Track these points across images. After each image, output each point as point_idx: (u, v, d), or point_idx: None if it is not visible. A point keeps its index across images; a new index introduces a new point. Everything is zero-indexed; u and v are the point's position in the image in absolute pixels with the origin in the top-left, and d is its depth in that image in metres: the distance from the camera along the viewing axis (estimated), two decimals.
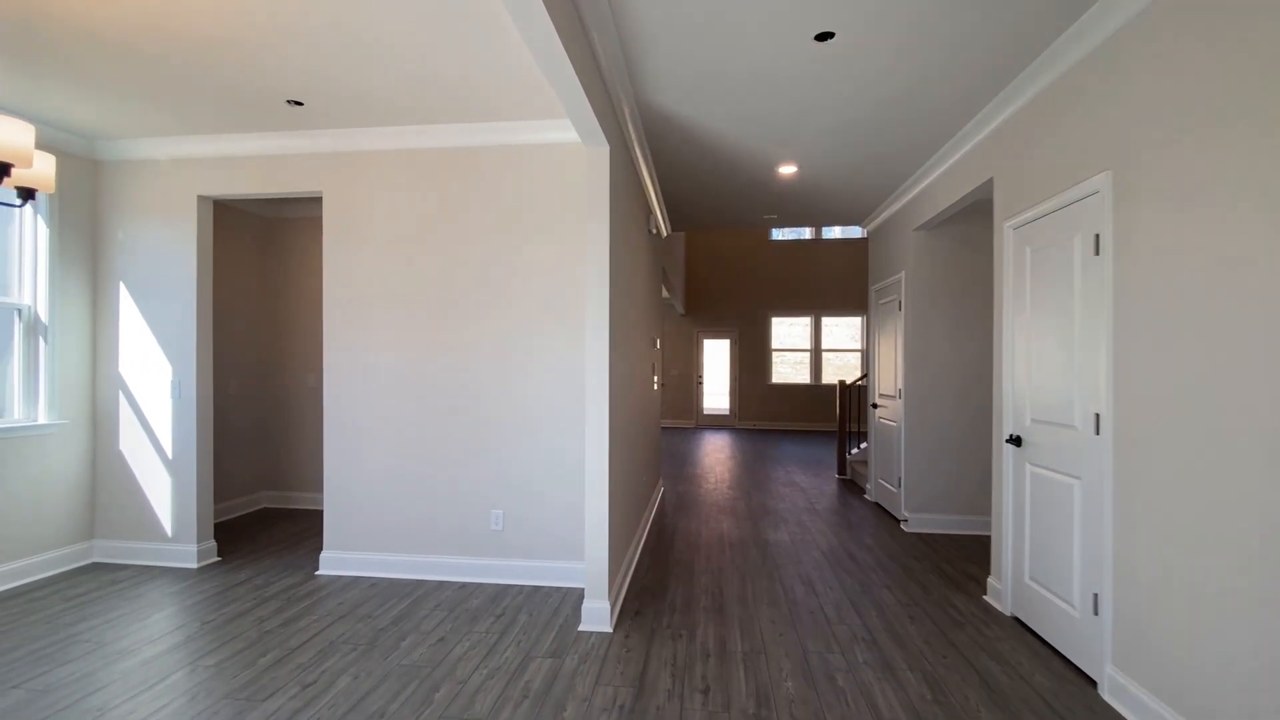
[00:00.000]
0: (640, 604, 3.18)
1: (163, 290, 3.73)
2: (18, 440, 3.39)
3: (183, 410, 3.72)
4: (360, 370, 3.61)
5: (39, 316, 3.53)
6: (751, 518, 4.97)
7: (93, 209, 3.78)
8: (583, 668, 2.51)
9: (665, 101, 3.15)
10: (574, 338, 3.42)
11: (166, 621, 2.92)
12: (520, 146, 3.45)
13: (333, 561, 3.60)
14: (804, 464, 7.65)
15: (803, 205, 5.17)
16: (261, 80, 2.90)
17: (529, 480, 3.46)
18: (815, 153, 3.88)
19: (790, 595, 3.32)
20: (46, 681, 2.37)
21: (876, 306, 5.51)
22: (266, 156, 3.66)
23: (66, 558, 3.64)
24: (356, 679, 2.41)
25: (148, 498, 3.76)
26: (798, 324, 12.03)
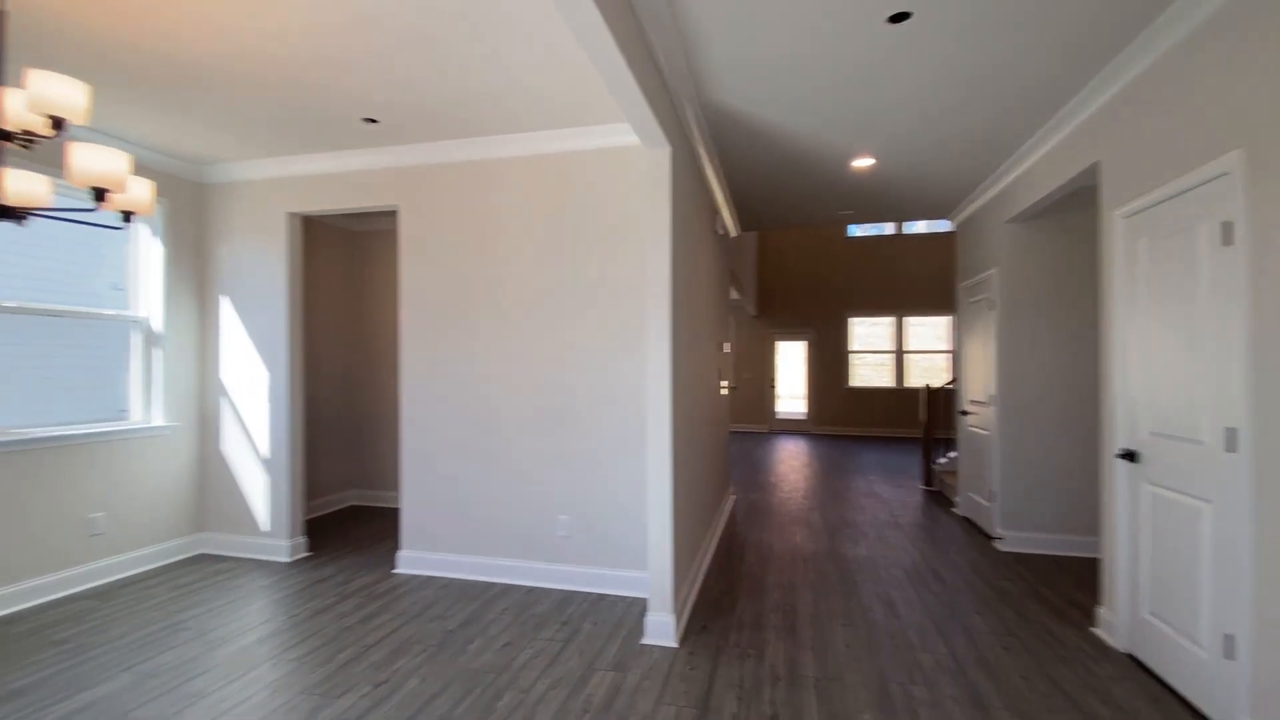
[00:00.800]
0: (707, 619, 3.07)
1: (259, 302, 4.01)
2: (138, 440, 3.74)
3: (277, 413, 3.98)
4: (433, 378, 3.72)
5: (155, 328, 3.87)
6: (828, 530, 4.74)
7: (199, 228, 4.12)
8: (645, 684, 2.44)
9: (730, 100, 3.05)
10: (638, 342, 3.37)
11: (258, 614, 3.11)
12: (586, 152, 3.44)
13: (409, 561, 3.73)
14: (885, 473, 7.25)
15: (881, 199, 4.89)
16: (339, 101, 3.04)
17: (594, 487, 3.43)
18: (893, 143, 3.63)
19: (869, 616, 3.11)
20: (154, 665, 2.57)
21: (965, 306, 5.12)
22: (346, 174, 3.85)
23: (178, 548, 3.97)
24: (424, 681, 2.45)
25: (246, 495, 4.04)
26: (879, 325, 11.47)
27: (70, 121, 1.85)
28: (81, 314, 3.51)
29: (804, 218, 5.53)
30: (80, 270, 3.52)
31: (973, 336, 4.88)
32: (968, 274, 5.05)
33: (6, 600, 3.10)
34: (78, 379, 3.51)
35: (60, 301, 3.41)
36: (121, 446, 3.65)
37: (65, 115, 1.81)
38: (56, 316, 3.40)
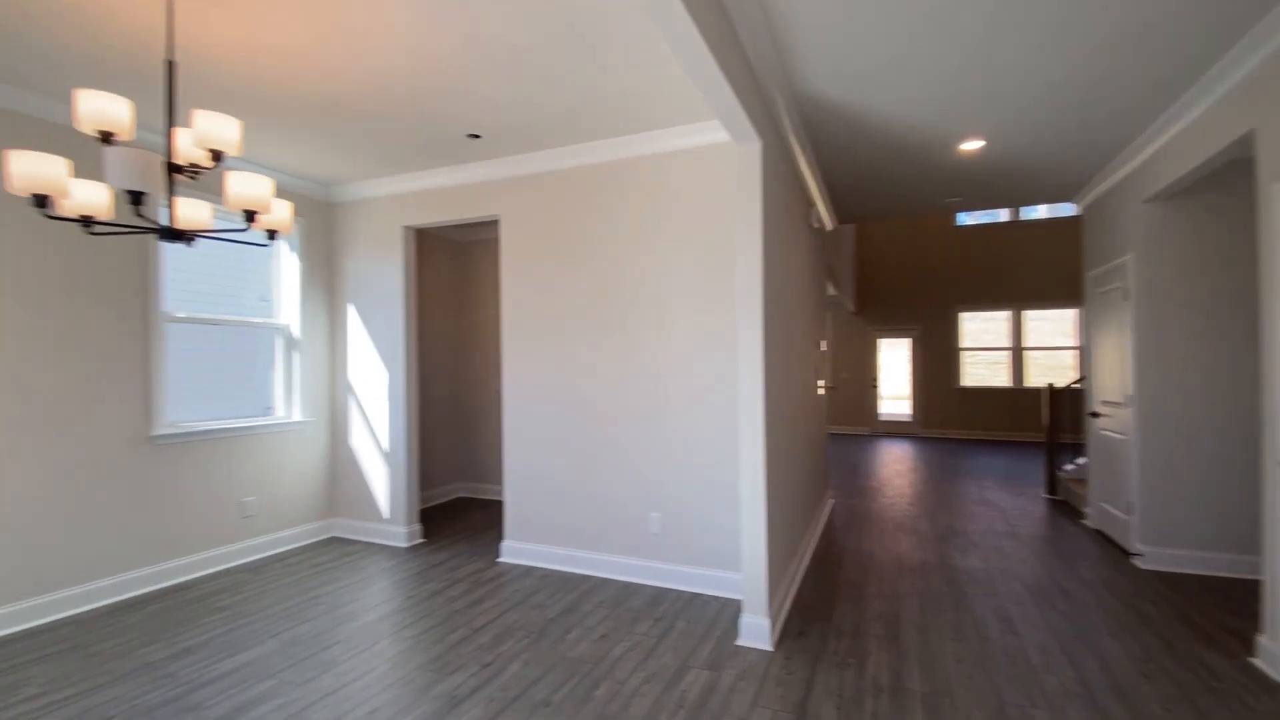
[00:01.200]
0: (804, 624, 3.00)
1: (379, 308, 4.38)
2: (281, 434, 4.21)
3: (395, 410, 4.33)
4: (531, 377, 3.89)
5: (294, 334, 4.34)
6: (936, 539, 4.46)
7: (329, 243, 4.57)
8: (740, 685, 2.43)
9: (823, 88, 2.95)
10: (730, 341, 3.34)
11: (380, 593, 3.40)
12: (676, 152, 3.47)
13: (511, 551, 3.93)
14: (1002, 479, 6.70)
15: (992, 184, 4.53)
16: (446, 120, 3.26)
17: (686, 485, 3.45)
18: (1007, 122, 3.36)
19: (982, 631, 2.90)
20: (295, 634, 2.88)
21: (1094, 297, 4.63)
22: (452, 187, 4.12)
23: (313, 531, 4.42)
24: (526, 665, 2.58)
25: (370, 485, 4.43)
26: (993, 319, 10.61)
27: (226, 153, 2.12)
28: (236, 322, 4.00)
29: (906, 207, 5.24)
30: (234, 285, 4.02)
31: (1104, 330, 4.40)
32: (1097, 262, 4.57)
33: (180, 570, 3.59)
34: (233, 380, 4.00)
35: (219, 312, 3.91)
36: (268, 439, 4.12)
37: (223, 148, 2.08)
38: (216, 325, 3.90)
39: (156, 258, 3.51)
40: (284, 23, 2.34)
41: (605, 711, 2.24)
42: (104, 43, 2.48)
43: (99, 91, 1.82)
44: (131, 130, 1.99)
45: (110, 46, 2.50)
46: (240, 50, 2.53)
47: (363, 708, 2.27)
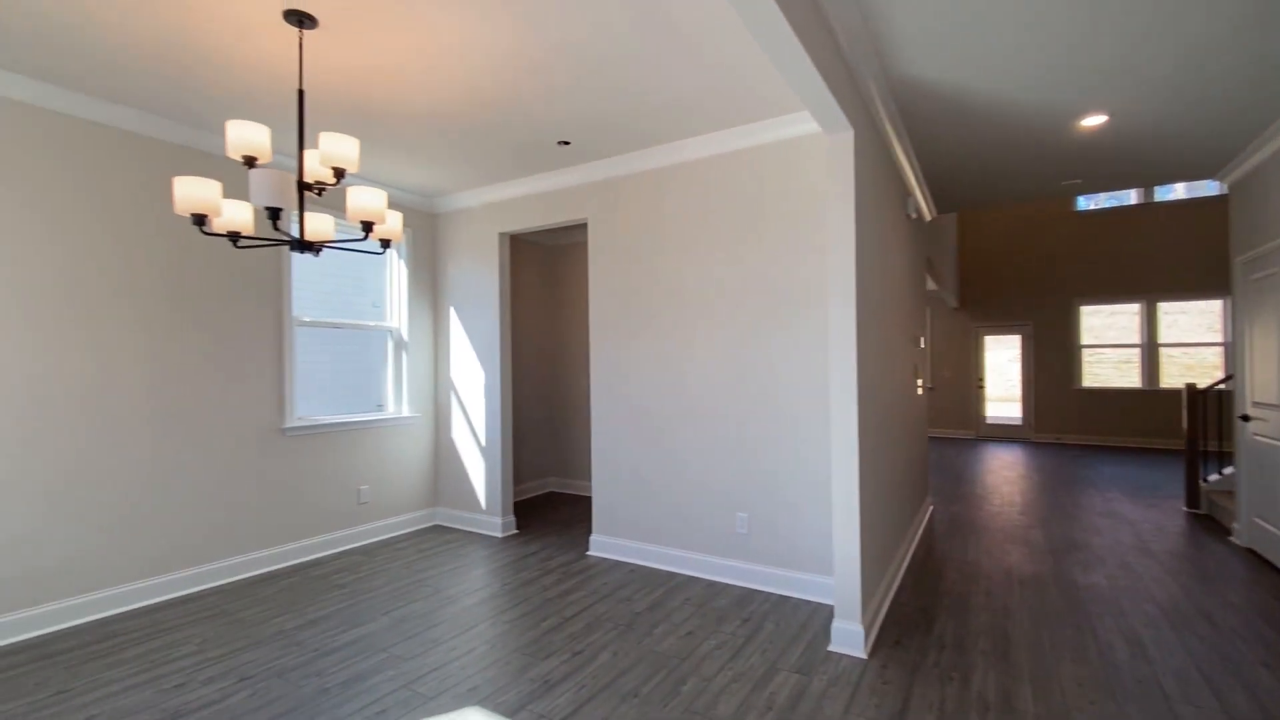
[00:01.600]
0: (900, 633, 2.86)
1: (477, 311, 4.64)
2: (392, 428, 4.55)
3: (491, 407, 4.56)
4: (619, 377, 3.97)
5: (402, 335, 4.68)
6: (1051, 552, 4.11)
7: (432, 250, 4.89)
8: (832, 690, 2.36)
9: (921, 70, 2.81)
10: (819, 339, 3.25)
11: (479, 579, 3.59)
12: (763, 146, 3.42)
13: (600, 545, 4.03)
14: (1132, 490, 6.06)
15: (1118, 163, 4.11)
16: (538, 129, 3.40)
17: (774, 486, 3.39)
18: (1137, 93, 3.04)
19: (1107, 654, 2.64)
20: (402, 614, 3.11)
21: (1246, 284, 4.09)
22: (544, 193, 4.28)
23: (419, 519, 4.75)
24: (615, 656, 2.64)
25: (469, 477, 4.69)
26: (1120, 313, 9.59)
27: (348, 171, 2.33)
28: (353, 325, 4.37)
29: (1016, 193, 4.86)
30: (350, 291, 4.39)
31: (1258, 322, 3.87)
32: (1248, 244, 4.03)
33: (306, 550, 3.98)
34: (349, 378, 4.38)
35: (339, 316, 4.29)
36: (380, 433, 4.47)
37: (345, 166, 2.29)
38: (336, 328, 4.28)
39: (288, 268, 3.90)
40: (390, 47, 2.53)
41: (693, 706, 2.25)
42: (240, 78, 2.79)
43: (245, 121, 2.05)
44: (269, 154, 2.23)
45: (245, 82, 2.82)
46: (352, 75, 2.77)
47: (465, 684, 2.42)
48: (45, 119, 2.92)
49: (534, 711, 2.22)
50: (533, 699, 2.31)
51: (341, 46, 2.53)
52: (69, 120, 2.99)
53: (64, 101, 2.94)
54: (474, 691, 2.36)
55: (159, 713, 2.24)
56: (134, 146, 3.21)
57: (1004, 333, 10.36)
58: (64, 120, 2.98)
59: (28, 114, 2.87)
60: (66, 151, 2.99)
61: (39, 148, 2.91)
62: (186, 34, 2.42)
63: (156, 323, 3.30)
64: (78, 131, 3.02)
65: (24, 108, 2.86)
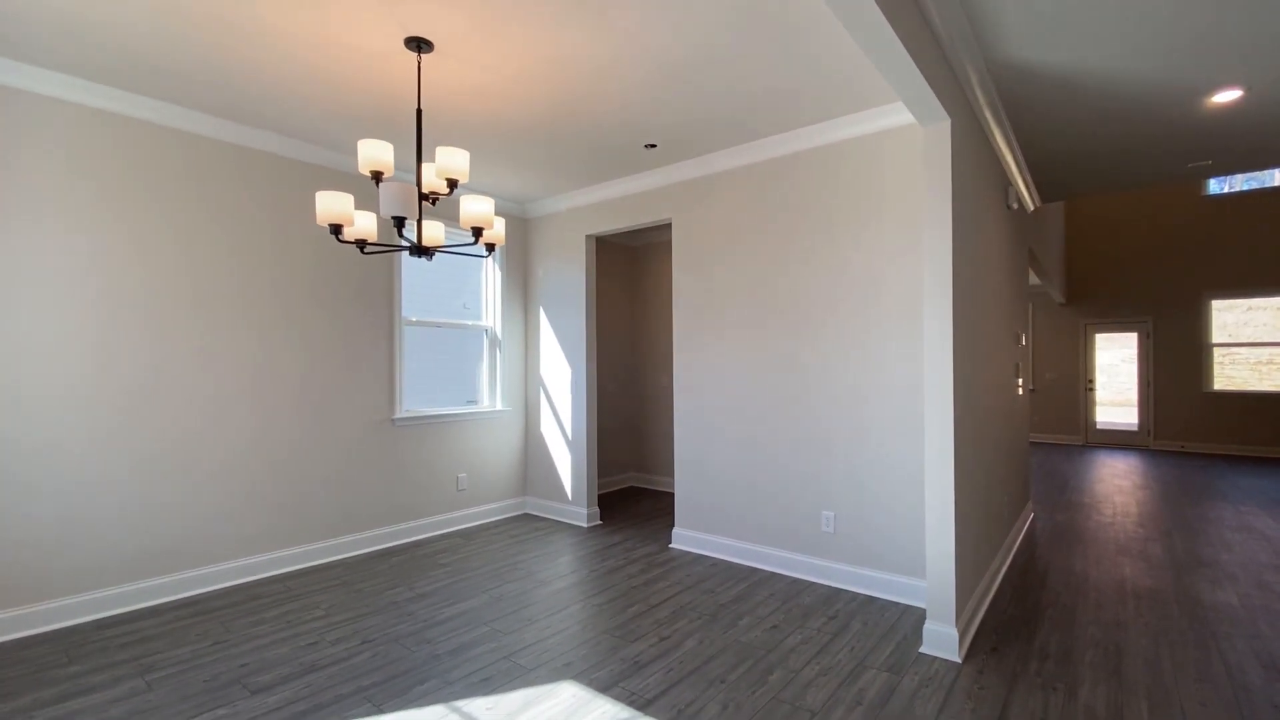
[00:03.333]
0: (998, 640, 2.76)
1: (564, 310, 4.85)
2: (488, 420, 4.84)
3: (578, 402, 4.76)
4: (703, 373, 4.04)
5: (497, 334, 4.97)
6: (1173, 566, 3.79)
7: (523, 253, 5.15)
8: (924, 691, 2.32)
9: (1023, 53, 2.69)
10: (912, 335, 3.18)
11: (567, 565, 3.77)
12: (851, 140, 3.38)
13: (682, 538, 4.11)
14: (1271, 504, 5.44)
15: (1256, 142, 3.73)
16: (628, 135, 3.52)
17: (862, 485, 3.34)
18: (1277, 63, 2.77)
19: (1238, 677, 2.43)
20: (499, 593, 3.32)
21: None
22: (630, 196, 4.41)
23: (510, 507, 5.02)
24: (701, 643, 2.71)
25: (556, 468, 4.91)
26: (1259, 307, 8.59)
27: (460, 181, 2.53)
28: (452, 324, 4.69)
29: (1131, 178, 4.50)
30: (449, 293, 4.71)
31: None
32: None
33: (412, 531, 4.31)
34: (449, 373, 4.70)
35: (440, 316, 4.62)
36: (476, 425, 4.77)
37: (458, 177, 2.49)
38: (438, 327, 4.60)
39: (399, 273, 4.25)
40: (494, 65, 2.73)
41: (780, 696, 2.29)
42: (362, 101, 3.09)
43: (373, 140, 2.29)
44: (393, 169, 2.47)
45: (366, 104, 3.11)
46: (459, 92, 3.00)
47: (560, 659, 2.57)
48: (216, 149, 3.36)
49: (625, 689, 2.34)
50: (624, 677, 2.42)
51: (452, 67, 2.75)
52: (235, 149, 3.42)
53: (235, 134, 3.36)
54: (569, 667, 2.51)
55: (298, 665, 2.54)
56: (278, 167, 3.62)
57: (1118, 330, 9.53)
58: (228, 149, 3.41)
59: (212, 147, 3.32)
60: (227, 174, 3.42)
61: (212, 172, 3.35)
62: (318, 67, 2.72)
63: (302, 323, 3.70)
64: (231, 156, 3.44)
65: (208, 141, 3.30)
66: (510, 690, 2.34)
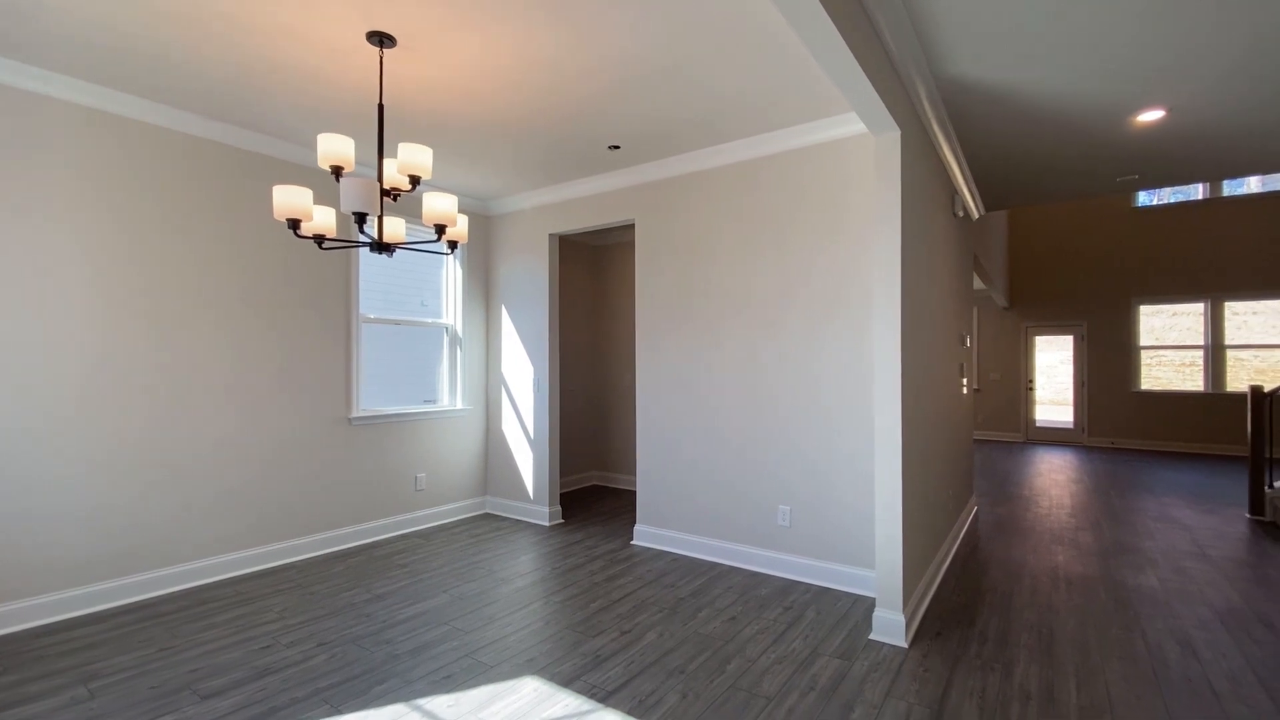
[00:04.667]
0: (942, 626, 2.91)
1: (526, 309, 4.84)
2: (447, 419, 4.79)
3: (540, 401, 4.76)
4: (665, 372, 4.10)
5: (457, 332, 4.92)
6: (1101, 554, 4.05)
7: (485, 251, 5.11)
8: (873, 675, 2.44)
9: (969, 69, 2.84)
10: (863, 336, 3.31)
11: (529, 564, 3.78)
12: (805, 149, 3.50)
13: (643, 535, 4.17)
14: (1191, 496, 5.85)
15: (1179, 158, 4.02)
16: (591, 135, 3.56)
17: (817, 480, 3.46)
18: (1195, 85, 3.00)
19: (1157, 654, 2.63)
20: (460, 592, 3.31)
21: None
22: (593, 196, 4.44)
23: (471, 506, 4.98)
24: (661, 636, 2.77)
25: (518, 467, 4.90)
26: (1183, 313, 9.20)
27: (423, 177, 2.52)
28: (412, 322, 4.63)
29: (1067, 190, 4.78)
30: (409, 290, 4.65)
31: None
32: None
33: (370, 532, 4.24)
34: (408, 372, 4.63)
35: (399, 314, 4.55)
36: (436, 424, 4.71)
37: (421, 174, 2.48)
38: (397, 325, 4.54)
39: (357, 268, 4.17)
40: (457, 62, 2.72)
41: (738, 684, 2.36)
42: (323, 94, 3.03)
43: (333, 134, 2.27)
44: (353, 164, 2.44)
45: (327, 97, 3.06)
46: (422, 88, 2.98)
47: (522, 655, 2.59)
48: (164, 137, 3.23)
49: (587, 682, 2.37)
50: (585, 671, 2.46)
51: (415, 63, 2.73)
52: (185, 139, 3.30)
53: (190, 124, 3.24)
54: (531, 663, 2.53)
55: (251, 669, 2.48)
56: (236, 159, 3.51)
57: (1056, 333, 10.06)
58: (180, 139, 3.28)
59: (158, 134, 3.19)
60: (180, 164, 3.30)
61: (161, 162, 3.22)
62: (278, 59, 2.66)
63: (257, 320, 3.60)
64: (187, 147, 3.32)
65: (162, 131, 3.17)
66: (472, 687, 2.35)
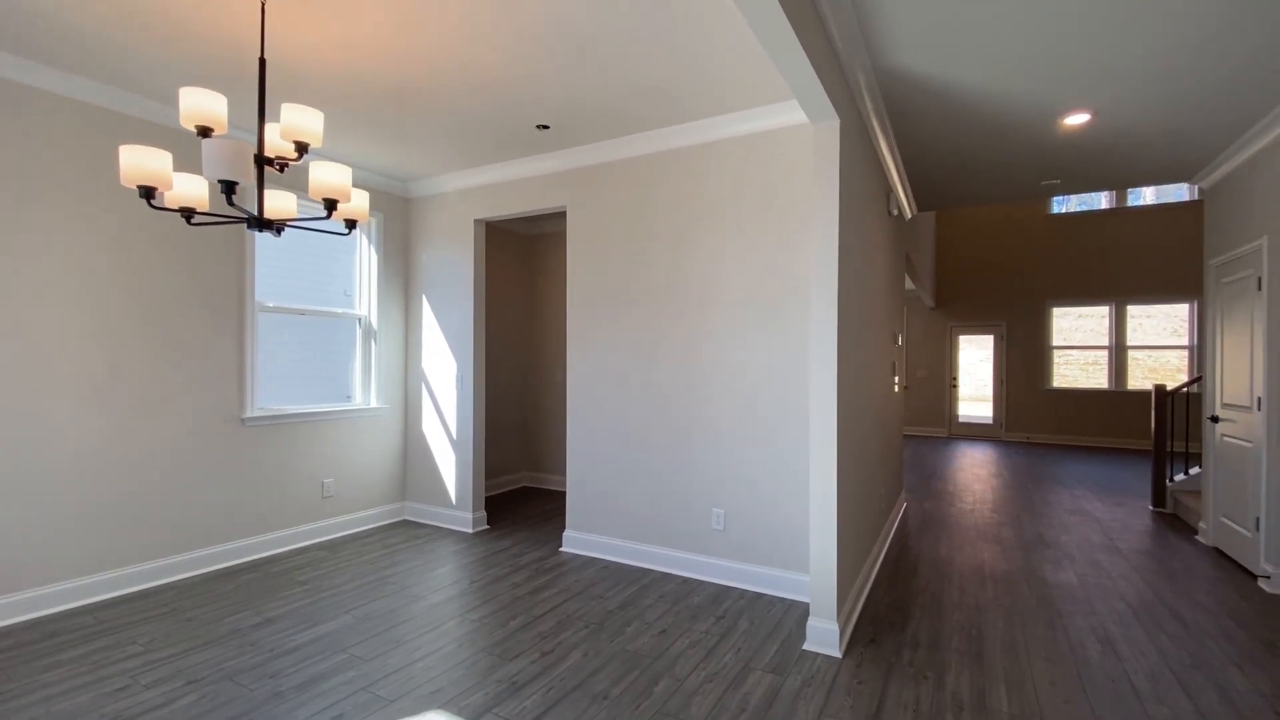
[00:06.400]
0: (875, 632, 2.83)
1: (450, 300, 4.50)
2: (360, 419, 4.40)
3: (464, 399, 4.44)
4: (597, 367, 3.88)
5: (371, 324, 4.52)
6: (1023, 549, 4.14)
7: (405, 237, 4.73)
8: (806, 691, 2.31)
9: (909, 60, 2.76)
10: (799, 334, 3.20)
11: (447, 576, 3.48)
12: (733, 140, 3.35)
13: (573, 541, 3.94)
14: (1099, 489, 6.16)
15: (1098, 164, 4.14)
16: (515, 112, 3.28)
17: (751, 481, 3.34)
18: (1123, 91, 3.04)
19: (1080, 653, 2.64)
20: (366, 611, 2.99)
21: (1219, 288, 4.15)
22: (522, 180, 4.16)
23: (387, 513, 4.60)
24: (586, 656, 2.56)
25: (440, 471, 4.56)
26: (1090, 315, 9.79)
27: (311, 145, 2.19)
28: (320, 313, 4.20)
29: (997, 192, 4.88)
30: (319, 277, 4.22)
31: (1231, 325, 3.93)
32: (1222, 248, 4.09)
33: (267, 545, 3.82)
34: (316, 367, 4.21)
35: (305, 303, 4.12)
36: (347, 424, 4.31)
37: (307, 140, 2.15)
38: (302, 315, 4.11)
39: (251, 252, 3.73)
40: (359, 17, 2.40)
41: (665, 708, 2.18)
42: (198, 48, 2.62)
43: (199, 88, 1.91)
44: (225, 125, 2.09)
45: (204, 51, 2.65)
46: (323, 48, 2.62)
47: (427, 686, 2.31)
48: (11, 92, 2.72)
49: (499, 715, 2.13)
50: (498, 701, 2.22)
51: (311, 19, 2.38)
52: (40, 95, 2.78)
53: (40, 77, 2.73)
54: (437, 694, 2.26)
55: (98, 718, 2.10)
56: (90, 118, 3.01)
57: (978, 333, 10.50)
58: (33, 95, 2.77)
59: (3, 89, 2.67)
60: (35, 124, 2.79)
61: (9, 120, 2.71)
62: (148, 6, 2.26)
63: (123, 307, 3.11)
64: (46, 105, 2.81)
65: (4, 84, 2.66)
66: None
